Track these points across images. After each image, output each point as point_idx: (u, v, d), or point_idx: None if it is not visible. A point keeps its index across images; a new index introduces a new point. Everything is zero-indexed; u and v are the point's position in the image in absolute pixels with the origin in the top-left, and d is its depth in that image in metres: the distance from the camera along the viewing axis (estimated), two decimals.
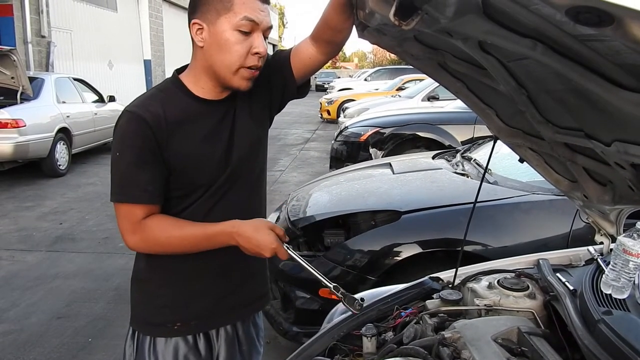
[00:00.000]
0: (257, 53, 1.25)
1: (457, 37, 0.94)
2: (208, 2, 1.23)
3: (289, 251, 1.25)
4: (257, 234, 1.24)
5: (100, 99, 9.59)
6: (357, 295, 1.29)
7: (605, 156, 1.06)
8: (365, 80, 19.65)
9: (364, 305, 1.28)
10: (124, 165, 1.26)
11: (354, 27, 1.31)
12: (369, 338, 1.34)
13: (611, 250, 1.37)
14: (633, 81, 0.67)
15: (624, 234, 1.23)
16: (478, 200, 1.67)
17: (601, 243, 1.59)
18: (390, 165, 3.76)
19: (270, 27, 1.28)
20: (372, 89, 15.37)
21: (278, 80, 1.42)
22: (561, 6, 0.49)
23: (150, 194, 1.26)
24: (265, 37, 1.28)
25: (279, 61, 1.42)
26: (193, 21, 1.26)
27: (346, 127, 6.89)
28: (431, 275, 1.62)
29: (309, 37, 1.39)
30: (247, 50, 1.24)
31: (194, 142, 1.29)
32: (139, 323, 1.43)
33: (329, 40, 1.35)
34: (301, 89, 1.48)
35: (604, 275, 1.26)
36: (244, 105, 1.38)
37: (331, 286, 1.25)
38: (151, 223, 1.27)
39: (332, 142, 6.96)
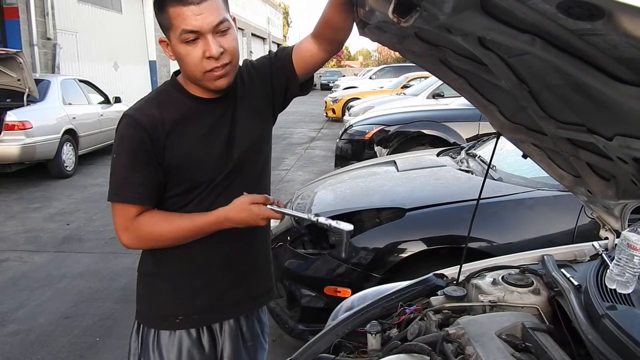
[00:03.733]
0: (210, 57, 1.24)
1: (457, 33, 0.94)
2: (160, 23, 1.27)
3: (275, 210, 1.29)
4: (242, 214, 1.28)
5: (106, 100, 9.62)
6: (361, 293, 1.29)
7: (608, 151, 1.05)
8: (370, 78, 19.63)
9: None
10: (120, 167, 1.31)
11: (355, 24, 1.31)
12: (373, 335, 1.34)
13: (616, 245, 1.36)
14: (632, 75, 0.67)
15: (628, 229, 1.23)
16: (483, 196, 1.66)
17: (606, 238, 1.58)
18: (394, 162, 3.76)
19: (220, 22, 1.23)
20: (377, 87, 15.36)
21: (281, 78, 1.43)
22: (552, 0, 0.49)
23: (142, 195, 1.31)
24: (221, 31, 1.24)
25: (282, 59, 1.42)
26: (160, 39, 1.31)
27: (351, 126, 6.88)
28: (435, 272, 1.62)
29: (310, 34, 1.39)
30: (200, 57, 1.24)
31: (193, 140, 1.32)
32: (143, 316, 1.46)
33: (330, 39, 1.36)
34: (304, 86, 1.48)
35: (608, 270, 1.26)
36: (244, 102, 1.40)
37: (313, 219, 1.26)
38: (143, 219, 1.32)
39: (337, 140, 6.96)
